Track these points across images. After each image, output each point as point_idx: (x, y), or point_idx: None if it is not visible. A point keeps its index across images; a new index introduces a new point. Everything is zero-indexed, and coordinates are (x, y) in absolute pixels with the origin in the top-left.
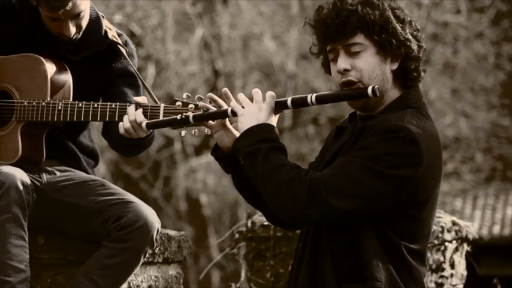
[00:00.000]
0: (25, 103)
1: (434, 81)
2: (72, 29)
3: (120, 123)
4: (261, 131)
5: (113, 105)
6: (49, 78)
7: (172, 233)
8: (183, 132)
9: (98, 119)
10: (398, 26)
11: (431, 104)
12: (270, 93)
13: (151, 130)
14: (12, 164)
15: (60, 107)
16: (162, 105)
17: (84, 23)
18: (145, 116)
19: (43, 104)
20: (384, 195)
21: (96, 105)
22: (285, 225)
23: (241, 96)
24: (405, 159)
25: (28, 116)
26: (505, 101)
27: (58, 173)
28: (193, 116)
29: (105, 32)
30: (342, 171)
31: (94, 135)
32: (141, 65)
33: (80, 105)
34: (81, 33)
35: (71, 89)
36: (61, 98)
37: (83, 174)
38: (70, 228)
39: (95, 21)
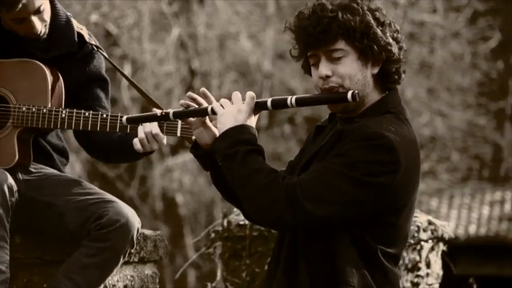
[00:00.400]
0: (23, 108)
1: (410, 81)
2: (38, 25)
3: (135, 139)
4: (239, 132)
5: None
6: (50, 85)
7: (148, 232)
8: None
9: (108, 129)
10: (379, 31)
11: (408, 103)
12: (249, 94)
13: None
14: (6, 169)
15: (63, 115)
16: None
17: (47, 17)
18: (161, 128)
19: (44, 110)
20: (360, 202)
21: (105, 115)
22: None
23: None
24: (383, 167)
25: (27, 121)
26: (482, 100)
27: (34, 171)
28: (174, 113)
29: (79, 34)
30: (319, 177)
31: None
32: (117, 64)
33: (87, 114)
34: (47, 27)
35: (64, 94)
36: (56, 104)
37: (57, 172)
38: (47, 227)
39: (66, 23)
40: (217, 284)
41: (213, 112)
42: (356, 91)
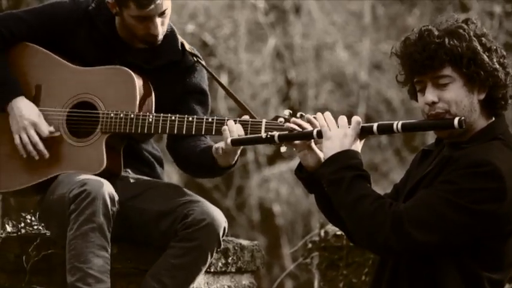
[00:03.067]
0: (112, 115)
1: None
2: (160, 27)
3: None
4: (345, 158)
5: (210, 119)
6: (138, 91)
7: (245, 242)
8: (283, 149)
9: (193, 132)
10: (485, 57)
11: None
12: (355, 118)
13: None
14: (98, 176)
15: (151, 120)
16: (264, 120)
17: (167, 23)
18: (246, 132)
19: (132, 116)
20: (466, 229)
21: (190, 118)
22: None
23: (328, 115)
24: (489, 194)
25: (115, 127)
26: None
27: (132, 181)
28: (279, 136)
29: (182, 44)
30: (425, 204)
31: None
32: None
33: (173, 118)
34: (162, 36)
35: (154, 102)
36: (146, 110)
37: (154, 180)
38: (142, 233)
39: (170, 32)
40: None
41: (319, 136)
42: (462, 118)
